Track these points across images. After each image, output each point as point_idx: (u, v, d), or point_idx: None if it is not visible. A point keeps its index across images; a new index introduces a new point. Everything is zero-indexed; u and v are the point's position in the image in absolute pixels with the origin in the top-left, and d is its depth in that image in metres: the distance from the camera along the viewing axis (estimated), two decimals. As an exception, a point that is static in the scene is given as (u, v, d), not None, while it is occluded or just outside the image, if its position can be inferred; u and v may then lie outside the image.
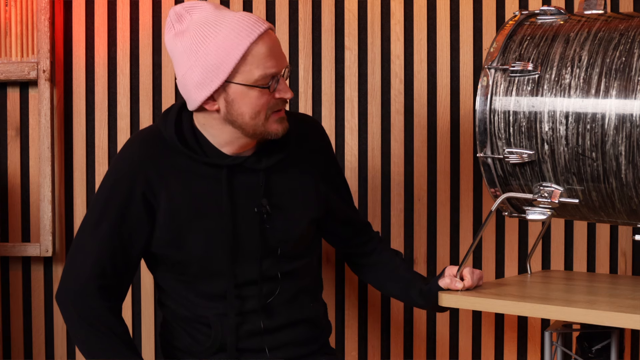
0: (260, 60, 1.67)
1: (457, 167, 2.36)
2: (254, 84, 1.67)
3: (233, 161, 1.76)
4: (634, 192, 1.61)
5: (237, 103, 1.69)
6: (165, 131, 1.77)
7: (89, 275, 1.74)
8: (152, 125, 1.87)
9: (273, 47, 1.69)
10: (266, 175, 1.79)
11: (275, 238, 1.80)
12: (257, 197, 1.77)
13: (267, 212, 1.78)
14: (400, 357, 2.40)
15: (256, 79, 1.67)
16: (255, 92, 1.68)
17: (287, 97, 1.71)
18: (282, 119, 1.74)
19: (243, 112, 1.70)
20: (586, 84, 1.63)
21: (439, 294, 1.77)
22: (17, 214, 2.40)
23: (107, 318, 1.75)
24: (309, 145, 1.90)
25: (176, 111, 1.79)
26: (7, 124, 2.40)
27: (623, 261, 2.35)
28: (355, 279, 2.39)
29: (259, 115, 1.70)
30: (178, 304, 1.84)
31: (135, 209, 1.74)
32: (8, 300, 2.41)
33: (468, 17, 2.35)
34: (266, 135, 1.74)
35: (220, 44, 1.65)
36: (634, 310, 1.57)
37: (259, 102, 1.69)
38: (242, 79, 1.67)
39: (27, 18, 2.35)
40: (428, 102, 2.37)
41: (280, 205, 1.81)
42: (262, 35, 1.67)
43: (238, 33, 1.65)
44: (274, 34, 1.71)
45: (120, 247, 1.75)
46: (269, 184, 1.80)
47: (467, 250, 1.91)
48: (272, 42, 1.69)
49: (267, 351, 1.81)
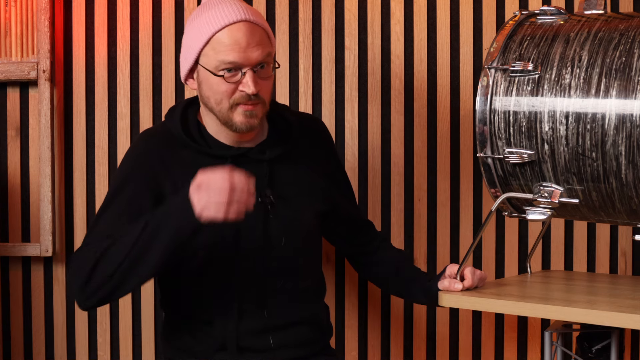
0: (221, 48, 1.71)
1: (457, 167, 2.36)
2: (212, 71, 1.72)
3: (237, 152, 1.79)
4: (634, 192, 1.61)
5: (204, 85, 1.76)
6: (172, 126, 1.81)
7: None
8: (157, 124, 1.90)
9: (240, 39, 1.70)
10: (270, 167, 1.80)
11: (278, 229, 1.80)
12: (261, 188, 1.79)
13: (271, 202, 1.79)
14: (400, 357, 2.40)
15: (215, 66, 1.71)
16: (215, 78, 1.72)
17: (247, 91, 1.71)
18: (249, 114, 1.74)
19: (209, 96, 1.76)
20: (586, 84, 1.63)
21: (439, 294, 1.77)
22: (17, 214, 2.40)
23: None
24: (312, 141, 1.92)
25: (182, 108, 1.84)
26: (7, 124, 2.40)
27: (623, 261, 2.35)
28: (356, 278, 2.39)
29: (222, 103, 1.74)
30: (180, 301, 1.84)
31: (144, 202, 1.75)
32: (8, 300, 2.41)
33: (468, 17, 2.35)
34: (232, 126, 1.75)
35: (197, 26, 1.74)
36: (634, 310, 1.57)
37: (218, 89, 1.73)
38: (205, 62, 1.73)
39: (27, 18, 2.35)
40: (428, 102, 2.37)
41: (285, 197, 1.82)
42: (232, 25, 1.70)
43: (212, 19, 1.72)
44: (253, 27, 1.72)
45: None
46: (273, 175, 1.81)
47: (467, 250, 1.91)
48: (240, 34, 1.70)
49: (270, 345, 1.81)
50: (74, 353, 2.42)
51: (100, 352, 2.41)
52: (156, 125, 1.89)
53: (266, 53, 1.73)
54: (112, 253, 1.65)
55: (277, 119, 1.88)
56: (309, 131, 1.92)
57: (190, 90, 2.37)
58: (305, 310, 1.87)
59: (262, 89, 1.74)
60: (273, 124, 1.88)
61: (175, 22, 2.38)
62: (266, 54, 1.73)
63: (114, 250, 1.65)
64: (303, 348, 1.86)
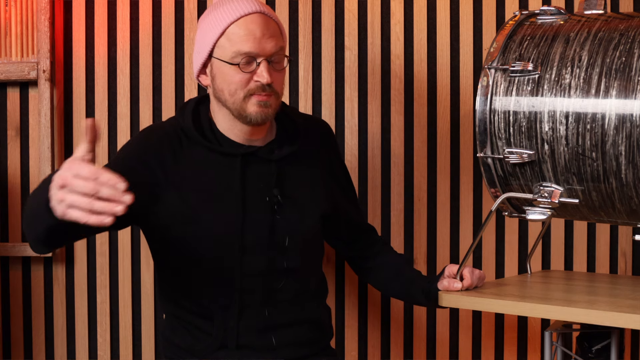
0: (236, 39, 1.73)
1: (457, 167, 2.36)
2: (228, 61, 1.73)
3: (247, 150, 1.80)
4: (634, 192, 1.61)
5: (217, 78, 1.77)
6: (183, 122, 1.81)
7: None
8: (164, 120, 1.90)
9: (254, 30, 1.73)
10: (278, 167, 1.81)
11: (283, 229, 1.81)
12: (269, 188, 1.80)
13: (279, 202, 1.80)
14: (400, 357, 2.40)
15: (230, 56, 1.73)
16: (230, 69, 1.74)
17: (262, 81, 1.73)
18: (263, 104, 1.75)
19: (222, 88, 1.76)
20: (586, 84, 1.62)
21: (439, 294, 1.78)
22: (17, 214, 2.40)
23: None
24: (318, 143, 1.93)
25: (193, 104, 1.85)
26: (7, 124, 2.40)
27: (623, 261, 2.35)
28: (356, 279, 2.39)
29: (236, 94, 1.75)
30: (180, 299, 1.84)
31: (142, 172, 1.74)
32: (8, 300, 2.41)
33: (468, 17, 2.35)
34: (246, 117, 1.76)
35: (211, 20, 1.76)
36: (634, 310, 1.57)
37: (233, 79, 1.74)
38: (219, 54, 1.75)
39: (27, 18, 2.35)
40: (428, 102, 2.37)
41: (291, 197, 1.83)
42: (246, 16, 1.73)
43: (226, 12, 1.74)
44: (267, 20, 1.75)
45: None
46: (281, 175, 1.82)
47: (467, 250, 1.91)
48: (254, 25, 1.73)
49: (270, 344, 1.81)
50: (74, 353, 2.42)
51: (100, 352, 2.41)
52: (164, 121, 1.90)
53: (280, 46, 1.76)
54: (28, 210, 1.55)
55: (285, 120, 1.89)
56: (315, 133, 1.93)
57: (191, 91, 2.37)
58: (307, 310, 1.87)
59: (276, 81, 1.76)
60: (281, 125, 1.89)
61: (175, 22, 2.38)
62: (280, 46, 1.76)
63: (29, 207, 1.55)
64: (303, 348, 1.86)
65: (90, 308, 2.41)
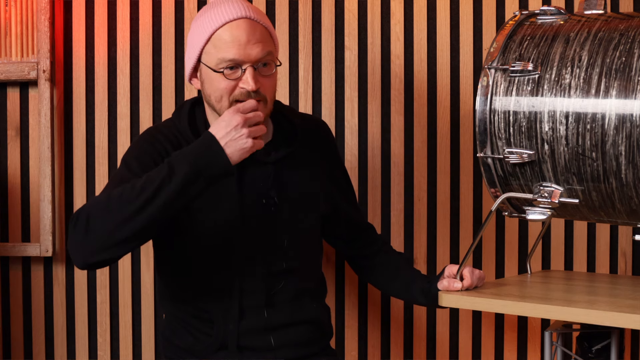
0: (222, 45, 1.71)
1: (457, 167, 2.36)
2: (213, 68, 1.72)
3: None
4: (634, 192, 1.61)
5: (205, 83, 1.76)
6: (179, 123, 1.81)
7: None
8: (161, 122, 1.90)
9: (239, 36, 1.70)
10: (275, 168, 1.81)
11: (282, 230, 1.81)
12: (266, 189, 1.79)
13: (275, 203, 1.79)
14: (400, 357, 2.40)
15: (215, 63, 1.72)
16: (216, 75, 1.72)
17: (247, 88, 1.71)
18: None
19: (210, 94, 1.76)
20: (586, 84, 1.62)
21: (439, 294, 1.77)
22: (17, 214, 2.40)
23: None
24: (316, 143, 1.92)
25: (189, 106, 1.85)
26: (7, 124, 2.40)
27: (623, 261, 2.35)
28: (356, 279, 2.39)
29: (222, 100, 1.74)
30: (180, 300, 1.84)
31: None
32: (8, 300, 2.41)
33: (468, 17, 2.35)
34: None
35: (199, 25, 1.75)
36: (634, 310, 1.57)
37: (219, 86, 1.73)
38: (206, 59, 1.74)
39: (27, 18, 2.35)
40: (428, 102, 2.37)
41: (288, 198, 1.82)
42: (232, 22, 1.71)
43: (213, 17, 1.73)
44: (254, 25, 1.72)
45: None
46: (278, 176, 1.81)
47: (467, 250, 1.91)
48: (239, 31, 1.71)
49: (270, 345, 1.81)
50: (74, 353, 2.42)
51: (100, 352, 2.41)
52: (159, 123, 1.89)
53: (267, 51, 1.73)
54: (123, 195, 1.59)
55: (282, 121, 1.89)
56: (312, 133, 1.93)
57: (191, 91, 2.37)
58: (306, 310, 1.87)
59: (263, 86, 1.73)
60: (278, 126, 1.88)
61: (175, 22, 2.38)
62: (267, 51, 1.73)
63: (124, 192, 1.60)
64: (303, 348, 1.86)
65: (90, 308, 2.41)
